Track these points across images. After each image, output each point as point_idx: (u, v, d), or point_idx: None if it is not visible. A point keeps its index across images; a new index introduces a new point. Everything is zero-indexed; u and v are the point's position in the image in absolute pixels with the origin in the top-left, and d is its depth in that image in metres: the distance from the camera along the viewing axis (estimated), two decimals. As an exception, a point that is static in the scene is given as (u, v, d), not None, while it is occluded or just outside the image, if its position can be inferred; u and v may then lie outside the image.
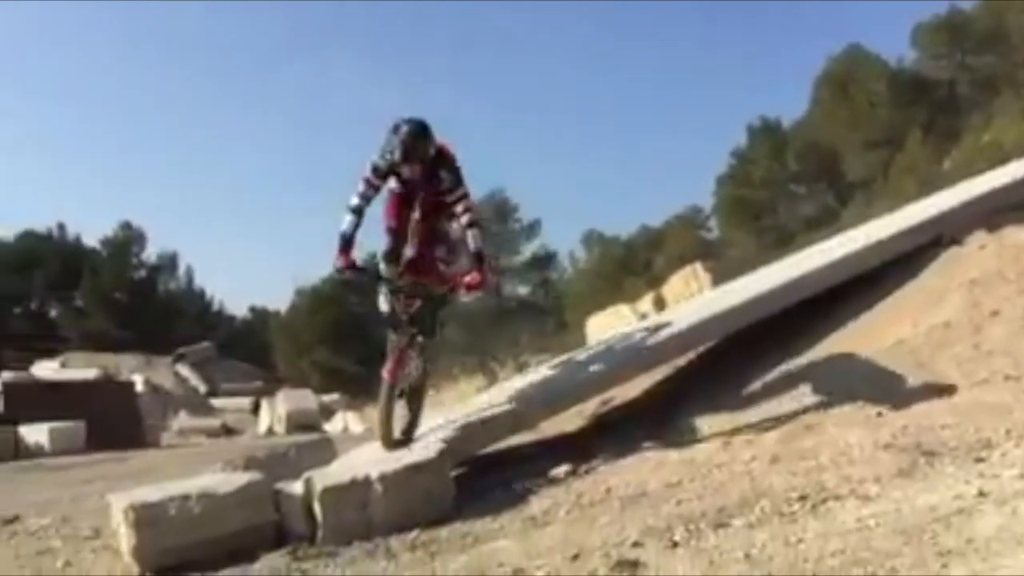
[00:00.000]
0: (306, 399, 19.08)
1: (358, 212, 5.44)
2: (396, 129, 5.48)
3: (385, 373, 5.41)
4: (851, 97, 33.97)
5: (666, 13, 68.98)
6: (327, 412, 19.53)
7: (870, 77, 33.96)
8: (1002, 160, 10.43)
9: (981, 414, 4.42)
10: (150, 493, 4.65)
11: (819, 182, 36.18)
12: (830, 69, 35.66)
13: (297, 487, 4.59)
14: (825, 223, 26.52)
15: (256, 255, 72.45)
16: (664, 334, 6.70)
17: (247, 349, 37.43)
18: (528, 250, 42.93)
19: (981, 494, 3.26)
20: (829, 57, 36.25)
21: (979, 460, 3.83)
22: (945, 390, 4.89)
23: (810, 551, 3.12)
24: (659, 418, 6.20)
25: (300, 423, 16.81)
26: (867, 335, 6.03)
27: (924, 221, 7.16)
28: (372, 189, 5.50)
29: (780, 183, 36.51)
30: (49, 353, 28.63)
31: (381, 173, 5.51)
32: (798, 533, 3.33)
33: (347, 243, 5.41)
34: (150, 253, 45.46)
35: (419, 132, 5.44)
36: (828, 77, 35.55)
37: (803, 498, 3.78)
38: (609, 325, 10.07)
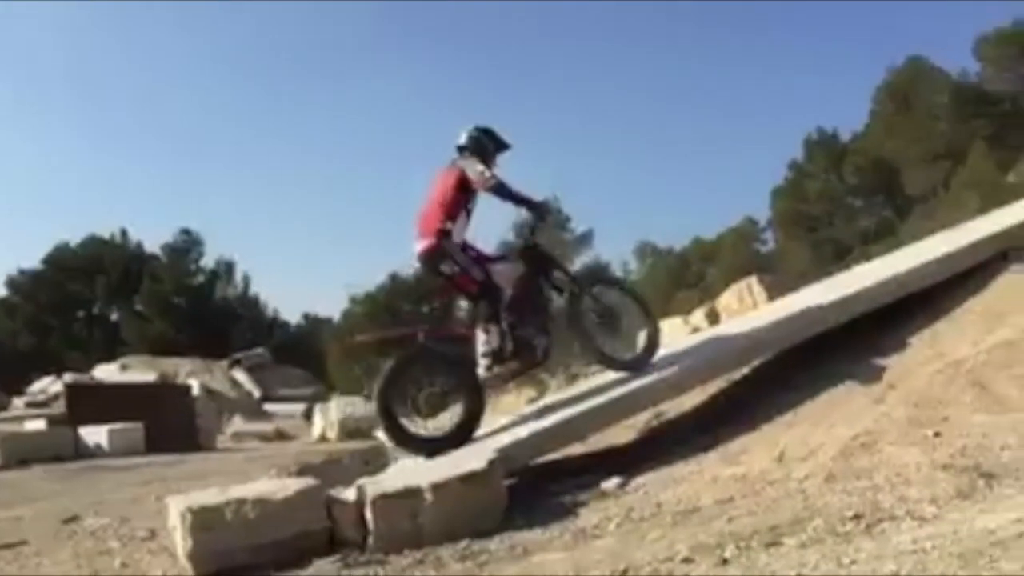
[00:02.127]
0: (359, 406, 19.22)
1: None
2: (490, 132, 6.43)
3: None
4: (912, 110, 33.43)
5: (723, 24, 68.73)
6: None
7: (932, 90, 33.41)
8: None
9: (1043, 436, 4.32)
10: (207, 497, 4.74)
11: (877, 195, 35.62)
12: (891, 81, 35.16)
13: (350, 494, 4.65)
14: (883, 237, 26.11)
15: (310, 263, 73.60)
16: (719, 347, 6.65)
17: (300, 355, 37.88)
18: (580, 260, 42.87)
19: (1042, 518, 3.18)
20: (890, 69, 35.76)
21: (1040, 483, 3.75)
22: (1006, 411, 4.78)
23: (863, 573, 3.07)
24: (712, 432, 6.14)
25: (352, 430, 16.95)
26: (926, 353, 5.92)
27: (987, 237, 7.02)
28: None
29: (837, 196, 36.04)
30: (110, 356, 29.29)
31: None
32: (851, 554, 3.27)
33: None
34: (208, 260, 46.34)
35: None
36: (889, 89, 35.10)
37: (858, 518, 3.72)
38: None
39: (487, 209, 6.36)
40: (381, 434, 6.24)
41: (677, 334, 9.66)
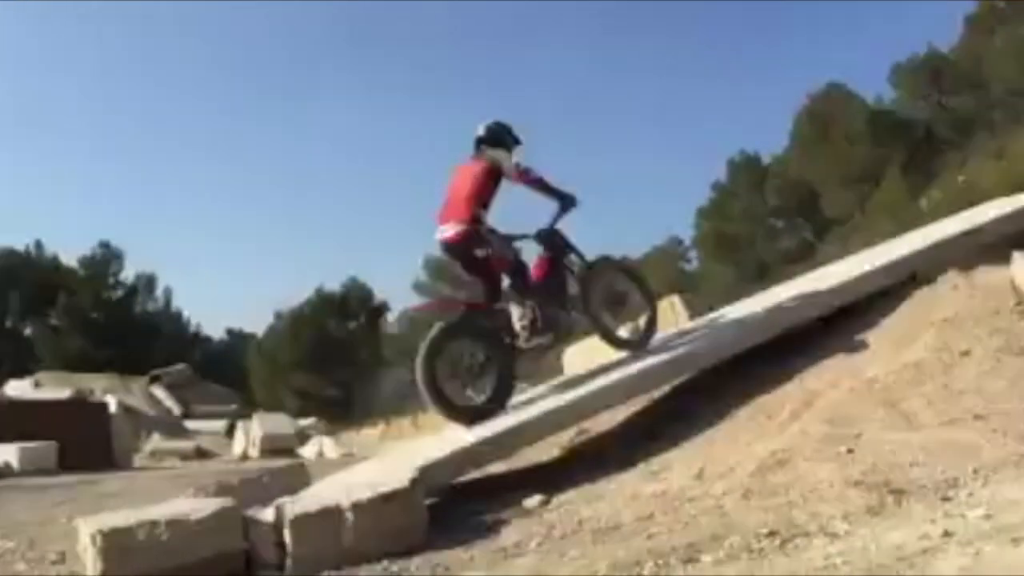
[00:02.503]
0: (281, 423, 18.97)
1: None
2: (506, 127, 6.87)
3: None
4: (831, 134, 34.39)
5: (650, 45, 70.02)
6: (303, 437, 19.39)
7: (849, 115, 34.42)
8: (977, 200, 10.58)
9: (949, 453, 4.46)
10: (119, 518, 4.60)
11: (797, 217, 36.52)
12: (810, 106, 36.14)
13: (268, 514, 4.56)
14: (802, 258, 26.77)
15: (235, 277, 72.51)
16: (642, 365, 6.73)
17: (224, 372, 37.18)
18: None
19: (946, 534, 3.28)
20: (809, 95, 36.75)
21: (946, 499, 3.87)
22: (915, 428, 4.93)
23: (776, 589, 3.14)
24: (634, 449, 6.21)
25: (275, 447, 16.70)
26: (840, 372, 6.08)
27: (899, 259, 7.24)
28: None
29: (759, 217, 36.84)
30: (23, 373, 28.37)
31: None
32: (765, 570, 3.34)
33: None
34: (128, 273, 45.25)
35: None
36: (808, 114, 36.04)
37: (773, 534, 3.79)
38: (587, 356, 10.08)
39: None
40: (303, 451, 6.25)
41: (602, 352, 9.74)
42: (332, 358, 38.25)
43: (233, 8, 76.63)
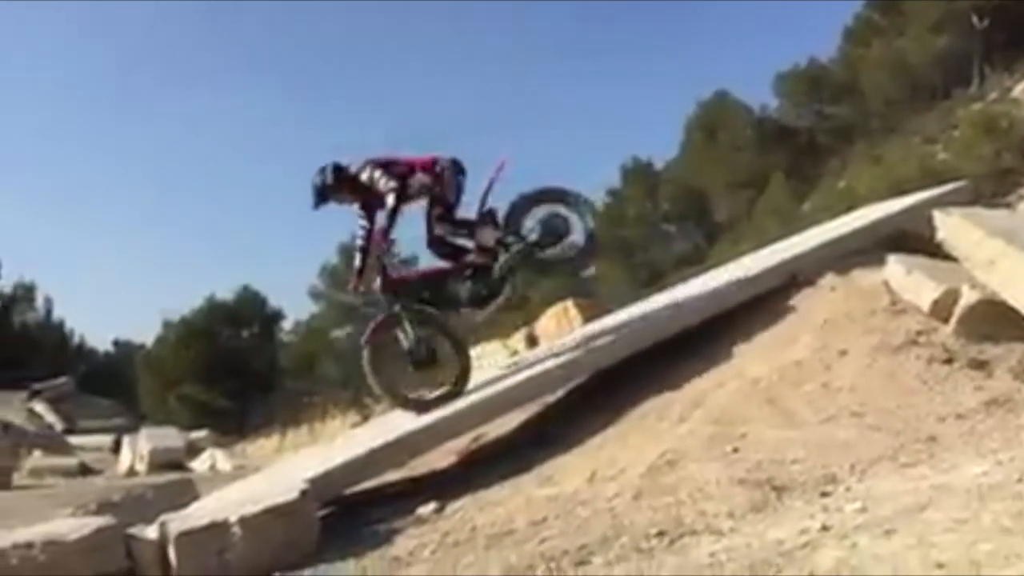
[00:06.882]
0: (171, 436, 18.39)
1: None
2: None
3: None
4: (718, 141, 35.33)
5: (542, 55, 70.77)
6: (194, 450, 18.83)
7: (736, 123, 35.41)
8: (855, 205, 11.02)
9: (828, 450, 4.63)
10: (-9, 541, 4.39)
11: (688, 221, 37.35)
12: (699, 114, 37.06)
13: (151, 531, 4.43)
14: (694, 261, 27.37)
15: (121, 286, 69.99)
16: (536, 371, 6.78)
17: (110, 384, 35.87)
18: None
19: (824, 528, 3.40)
20: (698, 103, 37.66)
21: (824, 495, 4.01)
22: (796, 426, 5.10)
23: (664, 587, 3.20)
24: (528, 454, 6.25)
25: (164, 462, 16.14)
26: (726, 372, 6.23)
27: (781, 262, 7.48)
28: None
29: (653, 222, 37.50)
30: None
31: None
32: (654, 569, 3.41)
33: None
34: (5, 283, 43.15)
35: None
36: (697, 121, 36.92)
37: (661, 534, 3.87)
38: (477, 364, 10.13)
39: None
40: (194, 465, 6.06)
41: (496, 357, 9.79)
42: (225, 368, 37.25)
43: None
